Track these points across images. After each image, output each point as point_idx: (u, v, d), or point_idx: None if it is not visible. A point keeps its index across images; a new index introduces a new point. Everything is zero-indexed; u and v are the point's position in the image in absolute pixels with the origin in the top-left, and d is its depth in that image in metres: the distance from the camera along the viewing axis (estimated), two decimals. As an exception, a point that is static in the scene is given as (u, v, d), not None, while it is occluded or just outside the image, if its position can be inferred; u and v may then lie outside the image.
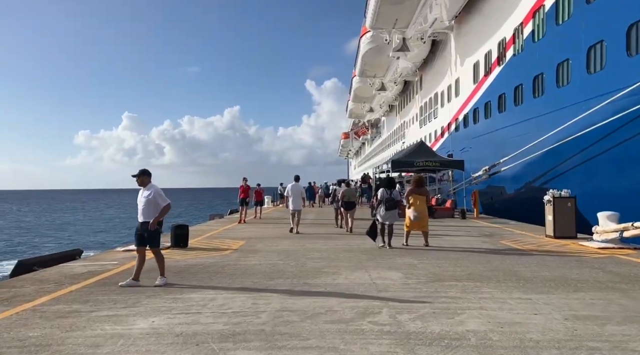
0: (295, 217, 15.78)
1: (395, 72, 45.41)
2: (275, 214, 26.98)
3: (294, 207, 15.89)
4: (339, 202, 16.97)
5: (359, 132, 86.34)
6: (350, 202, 16.18)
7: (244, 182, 20.59)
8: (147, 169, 8.19)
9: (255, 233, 15.76)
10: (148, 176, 7.96)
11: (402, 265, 9.17)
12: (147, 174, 7.99)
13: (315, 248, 11.70)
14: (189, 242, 12.94)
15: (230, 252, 11.23)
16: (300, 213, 16.16)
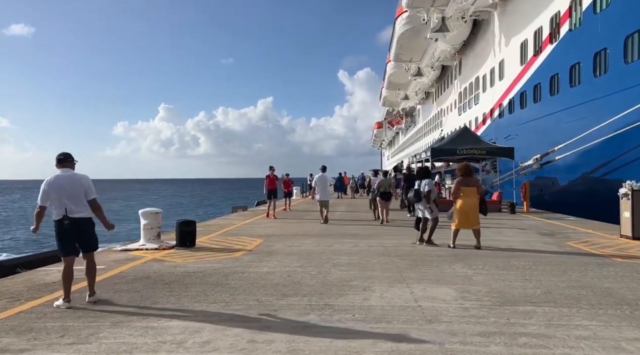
0: (324, 208, 15.80)
1: (432, 56, 42.79)
2: (304, 206, 25.19)
3: (321, 197, 15.93)
4: (374, 193, 16.60)
5: (393, 121, 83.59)
6: (386, 192, 15.75)
7: (271, 171, 17.96)
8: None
9: (276, 229, 13.98)
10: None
11: (453, 277, 7.17)
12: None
13: (343, 250, 9.81)
14: (199, 240, 11.28)
15: (242, 253, 9.46)
16: (328, 204, 16.10)
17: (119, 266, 8.19)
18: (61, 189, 5.75)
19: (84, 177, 6.07)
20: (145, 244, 10.11)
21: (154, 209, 10.48)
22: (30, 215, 48.78)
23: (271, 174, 18.01)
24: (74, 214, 5.80)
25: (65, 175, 5.90)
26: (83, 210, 5.88)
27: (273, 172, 18.09)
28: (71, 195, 5.80)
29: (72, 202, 5.79)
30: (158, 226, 10.35)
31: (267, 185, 17.91)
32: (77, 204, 5.83)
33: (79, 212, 5.84)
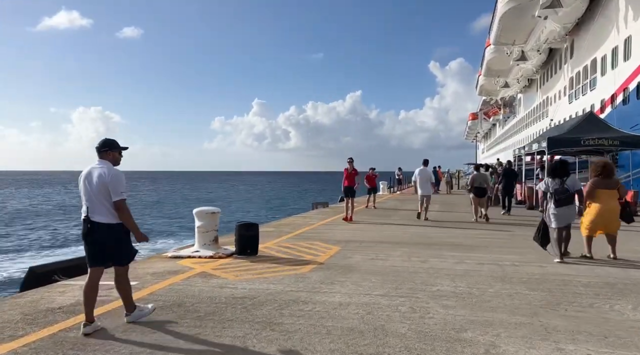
0: (424, 204, 15.13)
1: (539, 38, 38.15)
2: (391, 203, 22.81)
3: (422, 192, 15.11)
4: (468, 189, 15.68)
5: (490, 112, 77.82)
6: (481, 188, 14.85)
7: (350, 164, 14.84)
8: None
9: (357, 233, 11.81)
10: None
11: (626, 329, 4.60)
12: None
13: (444, 269, 7.44)
14: (265, 245, 9.44)
15: (311, 268, 7.41)
16: (430, 199, 15.40)
17: (155, 282, 6.46)
18: (83, 185, 4.68)
19: (112, 173, 4.61)
20: (199, 251, 8.41)
21: (210, 208, 8.74)
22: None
23: (349, 168, 14.85)
24: (94, 216, 4.59)
25: (90, 169, 4.72)
26: (102, 214, 4.60)
27: (352, 165, 14.90)
28: (90, 194, 4.62)
29: (90, 202, 4.62)
30: (215, 229, 8.61)
31: (344, 180, 14.89)
32: (96, 205, 4.60)
33: (98, 215, 4.59)
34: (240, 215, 36.88)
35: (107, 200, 4.58)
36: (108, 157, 4.75)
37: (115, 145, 4.84)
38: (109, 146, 4.80)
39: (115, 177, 4.63)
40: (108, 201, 4.58)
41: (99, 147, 4.77)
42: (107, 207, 4.59)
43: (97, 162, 4.74)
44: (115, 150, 4.83)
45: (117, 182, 4.62)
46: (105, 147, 4.77)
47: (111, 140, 4.86)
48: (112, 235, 4.61)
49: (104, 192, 4.56)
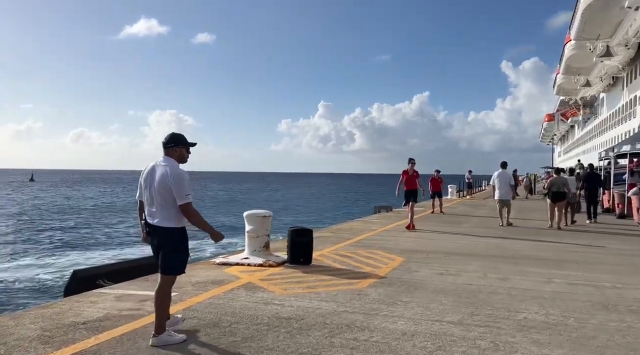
0: (505, 208, 14.35)
1: (627, 32, 34.93)
2: (461, 208, 21.35)
3: (500, 196, 14.28)
4: (545, 193, 14.90)
5: (568, 113, 72.96)
6: (559, 192, 13.71)
7: (411, 165, 13.16)
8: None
9: (424, 242, 10.72)
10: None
11: None
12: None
13: (528, 290, 6.27)
14: (321, 252, 8.64)
15: (370, 283, 6.48)
16: (510, 204, 14.48)
17: (195, 294, 5.79)
18: (144, 183, 4.29)
19: (175, 173, 4.08)
20: (248, 258, 7.71)
21: (261, 211, 8.03)
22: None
23: (409, 170, 13.14)
24: (153, 219, 4.21)
25: (154, 165, 4.28)
26: (159, 216, 4.18)
27: (413, 167, 13.20)
28: (149, 193, 4.22)
29: (148, 202, 4.26)
30: (266, 233, 7.88)
31: (403, 183, 13.15)
32: (153, 206, 4.20)
33: (157, 218, 4.19)
34: (300, 217, 36.39)
35: (167, 203, 4.11)
36: (174, 154, 4.24)
37: (182, 140, 4.30)
38: (176, 141, 4.26)
39: (178, 178, 4.09)
40: (168, 203, 4.11)
41: (165, 142, 4.26)
42: (167, 210, 4.13)
43: (161, 158, 4.24)
44: (183, 146, 4.28)
45: (181, 185, 4.09)
46: (171, 143, 4.24)
47: (178, 135, 4.32)
48: (169, 240, 4.16)
49: (165, 194, 4.09)
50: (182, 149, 4.28)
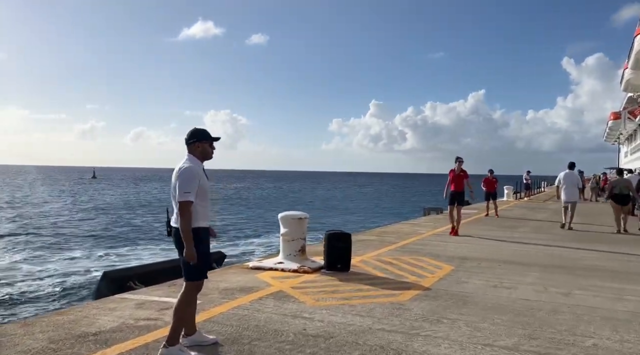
0: (569, 211, 13.58)
1: None
2: (517, 211, 20.10)
3: (566, 198, 13.61)
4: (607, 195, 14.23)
5: (636, 110, 68.33)
6: (622, 195, 13.13)
7: (458, 164, 11.89)
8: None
9: (477, 248, 9.90)
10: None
11: None
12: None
13: (598, 307, 5.44)
14: (362, 257, 8.06)
15: (413, 295, 5.84)
16: (575, 206, 13.73)
17: (221, 303, 5.36)
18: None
19: (182, 167, 3.77)
20: (283, 263, 7.24)
21: (296, 212, 7.53)
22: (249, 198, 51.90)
23: (457, 169, 11.86)
24: (172, 219, 3.93)
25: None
26: (174, 216, 3.89)
27: (460, 166, 11.91)
28: (171, 193, 3.96)
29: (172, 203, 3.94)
30: (302, 237, 7.38)
31: (449, 184, 11.92)
32: (174, 206, 3.88)
33: (174, 218, 3.89)
34: (347, 218, 35.68)
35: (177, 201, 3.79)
36: (196, 151, 3.88)
37: (204, 135, 3.92)
38: (197, 136, 3.89)
39: (182, 173, 3.74)
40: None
41: (186, 139, 3.92)
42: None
43: (185, 156, 3.92)
44: (205, 141, 3.90)
45: (182, 180, 3.72)
46: (193, 138, 3.89)
47: (200, 130, 3.93)
48: (181, 242, 3.76)
49: (175, 192, 3.80)
50: (205, 144, 3.91)
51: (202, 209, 3.82)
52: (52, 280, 14.43)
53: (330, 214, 37.79)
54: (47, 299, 12.28)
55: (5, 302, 11.81)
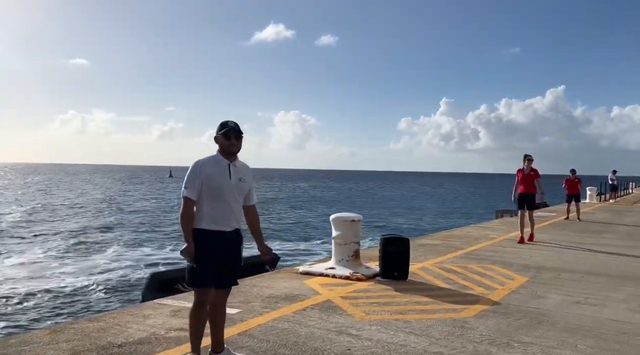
0: None
1: None
2: (601, 215, 18.34)
3: None
4: None
5: None
6: None
7: (527, 163, 10.48)
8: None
9: (555, 256, 8.85)
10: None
11: None
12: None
13: None
14: (423, 264, 7.37)
15: (478, 311, 5.10)
16: None
17: (261, 313, 4.89)
18: None
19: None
20: (334, 268, 6.69)
21: (349, 214, 6.96)
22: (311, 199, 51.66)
23: (525, 168, 10.49)
24: None
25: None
26: None
27: (530, 165, 10.50)
28: None
29: None
30: (355, 240, 6.79)
31: (518, 185, 10.62)
32: None
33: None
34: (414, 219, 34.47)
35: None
36: (218, 144, 3.49)
37: (219, 127, 3.48)
38: (217, 130, 3.49)
39: (190, 168, 3.42)
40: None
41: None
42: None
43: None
44: (219, 133, 3.46)
45: (187, 174, 3.39)
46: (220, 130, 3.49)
47: (220, 123, 3.51)
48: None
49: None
50: (219, 136, 3.45)
51: (210, 209, 3.38)
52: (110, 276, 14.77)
53: (395, 215, 36.78)
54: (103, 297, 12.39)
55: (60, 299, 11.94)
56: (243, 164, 3.57)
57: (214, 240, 3.38)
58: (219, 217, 3.40)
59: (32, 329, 8.71)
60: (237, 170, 3.47)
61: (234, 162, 3.47)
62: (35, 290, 12.55)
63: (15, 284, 13.24)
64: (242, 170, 3.51)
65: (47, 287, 12.89)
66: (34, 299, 11.85)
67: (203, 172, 3.38)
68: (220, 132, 3.43)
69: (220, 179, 3.39)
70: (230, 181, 3.42)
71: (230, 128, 3.43)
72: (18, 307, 11.23)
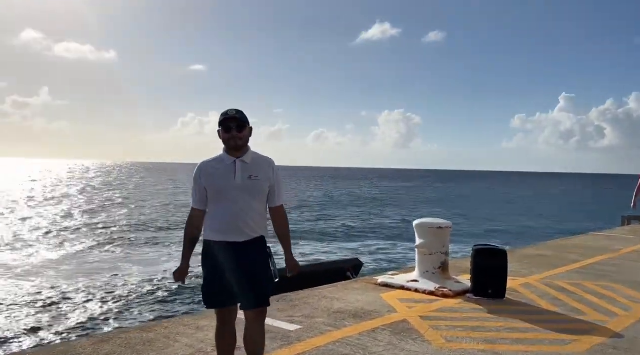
0: None
1: None
2: None
3: None
4: None
5: None
6: None
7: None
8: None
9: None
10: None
11: None
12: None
13: None
14: (528, 279, 6.35)
15: (593, 344, 4.05)
16: None
17: (321, 332, 4.29)
18: None
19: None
20: (418, 281, 5.90)
21: (436, 220, 6.11)
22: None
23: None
24: None
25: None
26: None
27: None
28: None
29: None
30: (443, 251, 5.94)
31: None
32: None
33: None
34: (521, 226, 31.47)
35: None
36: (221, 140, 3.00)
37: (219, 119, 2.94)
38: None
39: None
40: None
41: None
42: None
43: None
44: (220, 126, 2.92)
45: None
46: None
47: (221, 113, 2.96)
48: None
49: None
50: (220, 130, 2.91)
51: (215, 217, 2.90)
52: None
53: (503, 220, 34.11)
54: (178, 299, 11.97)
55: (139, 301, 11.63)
56: (259, 158, 2.97)
57: (222, 252, 2.86)
58: (225, 225, 2.87)
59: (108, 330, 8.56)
60: (247, 167, 2.89)
61: (241, 157, 2.89)
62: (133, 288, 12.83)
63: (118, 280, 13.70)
64: (254, 167, 2.90)
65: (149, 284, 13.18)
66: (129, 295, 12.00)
67: (204, 175, 2.90)
68: (221, 123, 2.88)
69: (223, 180, 2.86)
70: (235, 181, 2.85)
71: (229, 118, 2.85)
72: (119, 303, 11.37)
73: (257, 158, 2.97)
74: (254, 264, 2.88)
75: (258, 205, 2.91)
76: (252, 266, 2.87)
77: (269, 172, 2.96)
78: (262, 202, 2.94)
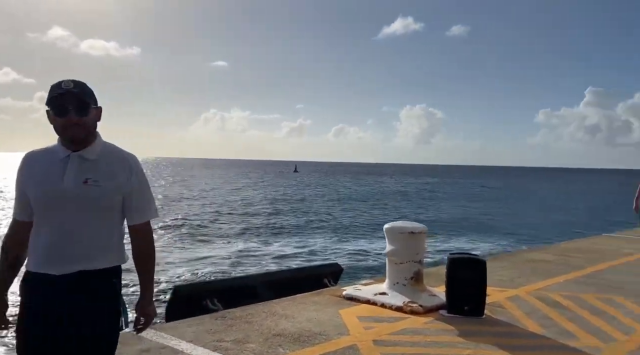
0: None
1: None
2: None
3: None
4: None
5: None
6: None
7: None
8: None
9: None
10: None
11: None
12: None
13: None
14: (519, 290, 5.57)
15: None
16: None
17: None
18: None
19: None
20: (386, 294, 5.13)
21: (408, 224, 5.32)
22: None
23: None
24: None
25: None
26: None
27: None
28: None
29: None
30: (417, 259, 5.16)
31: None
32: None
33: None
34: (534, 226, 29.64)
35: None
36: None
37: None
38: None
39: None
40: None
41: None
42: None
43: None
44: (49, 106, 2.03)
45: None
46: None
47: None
48: None
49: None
50: (50, 111, 2.00)
51: (35, 239, 2.04)
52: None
53: (516, 220, 32.37)
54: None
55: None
56: (111, 155, 2.10)
57: (39, 289, 2.00)
58: (46, 251, 2.00)
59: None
60: (86, 167, 2.01)
61: (80, 151, 2.02)
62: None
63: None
64: (97, 167, 2.03)
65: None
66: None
67: (26, 173, 2.05)
68: (48, 103, 1.98)
69: (47, 183, 1.99)
70: (62, 185, 1.98)
71: (63, 92, 1.93)
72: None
73: (107, 154, 2.08)
74: (93, 306, 2.01)
75: (100, 223, 2.03)
76: (87, 310, 1.99)
77: (123, 175, 2.07)
78: (107, 219, 2.06)
